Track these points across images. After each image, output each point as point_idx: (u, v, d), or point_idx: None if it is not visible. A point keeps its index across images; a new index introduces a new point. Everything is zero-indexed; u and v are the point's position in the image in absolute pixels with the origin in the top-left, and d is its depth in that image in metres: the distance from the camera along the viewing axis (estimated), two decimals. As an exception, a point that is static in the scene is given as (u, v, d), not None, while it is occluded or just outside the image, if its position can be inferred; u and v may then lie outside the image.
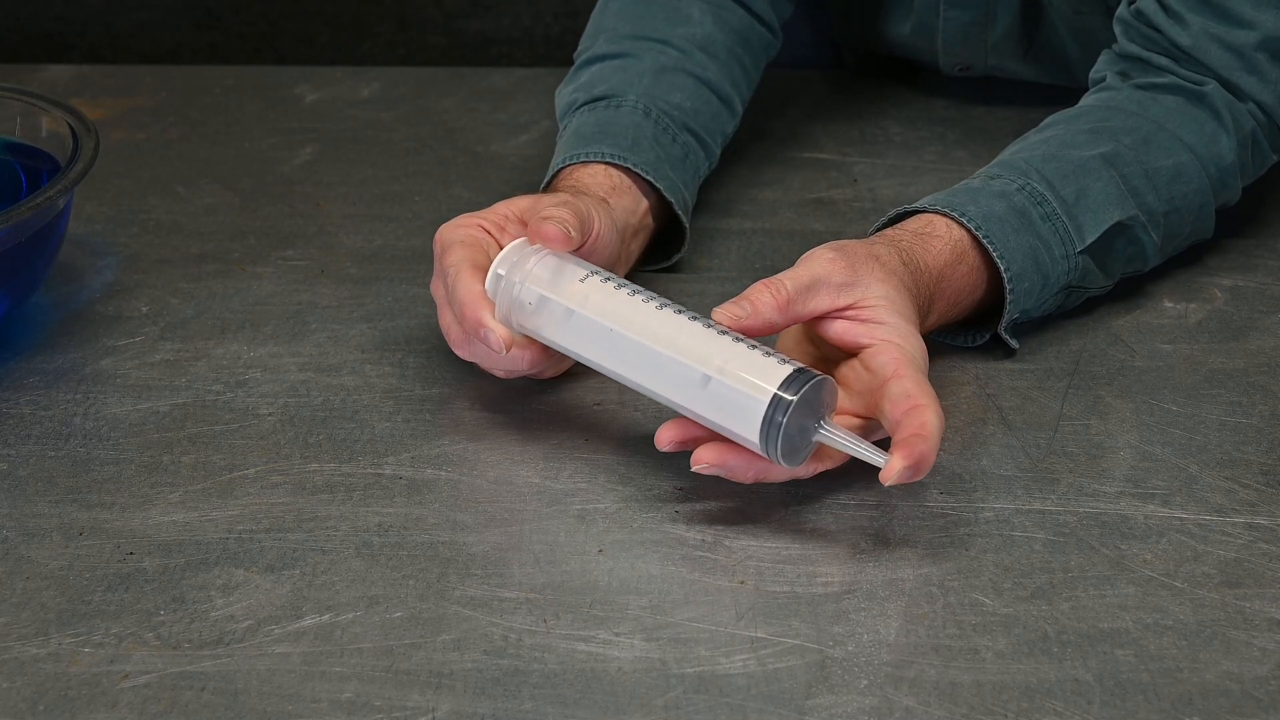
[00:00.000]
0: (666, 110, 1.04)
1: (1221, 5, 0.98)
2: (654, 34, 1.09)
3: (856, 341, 0.80)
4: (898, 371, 0.78)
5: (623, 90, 1.05)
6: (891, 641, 0.72)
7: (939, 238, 0.89)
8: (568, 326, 0.82)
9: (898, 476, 0.74)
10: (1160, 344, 0.95)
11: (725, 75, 1.10)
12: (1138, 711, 0.68)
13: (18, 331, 0.96)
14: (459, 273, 0.86)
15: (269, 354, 0.94)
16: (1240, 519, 0.80)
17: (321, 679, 0.70)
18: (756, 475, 0.79)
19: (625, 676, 0.70)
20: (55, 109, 0.98)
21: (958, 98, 1.28)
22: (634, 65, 1.07)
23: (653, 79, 1.06)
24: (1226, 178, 0.99)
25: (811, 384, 0.76)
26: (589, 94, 1.06)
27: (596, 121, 1.03)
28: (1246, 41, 0.98)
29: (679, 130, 1.04)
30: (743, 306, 0.79)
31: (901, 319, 0.81)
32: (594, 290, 0.83)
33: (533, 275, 0.84)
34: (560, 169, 0.99)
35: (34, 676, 0.70)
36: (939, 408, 0.77)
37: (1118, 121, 0.98)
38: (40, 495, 0.82)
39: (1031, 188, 0.93)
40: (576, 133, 1.02)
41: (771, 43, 1.16)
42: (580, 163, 0.99)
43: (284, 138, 1.23)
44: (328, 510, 0.81)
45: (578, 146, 1.00)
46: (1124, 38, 1.03)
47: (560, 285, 0.83)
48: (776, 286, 0.80)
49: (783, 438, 0.76)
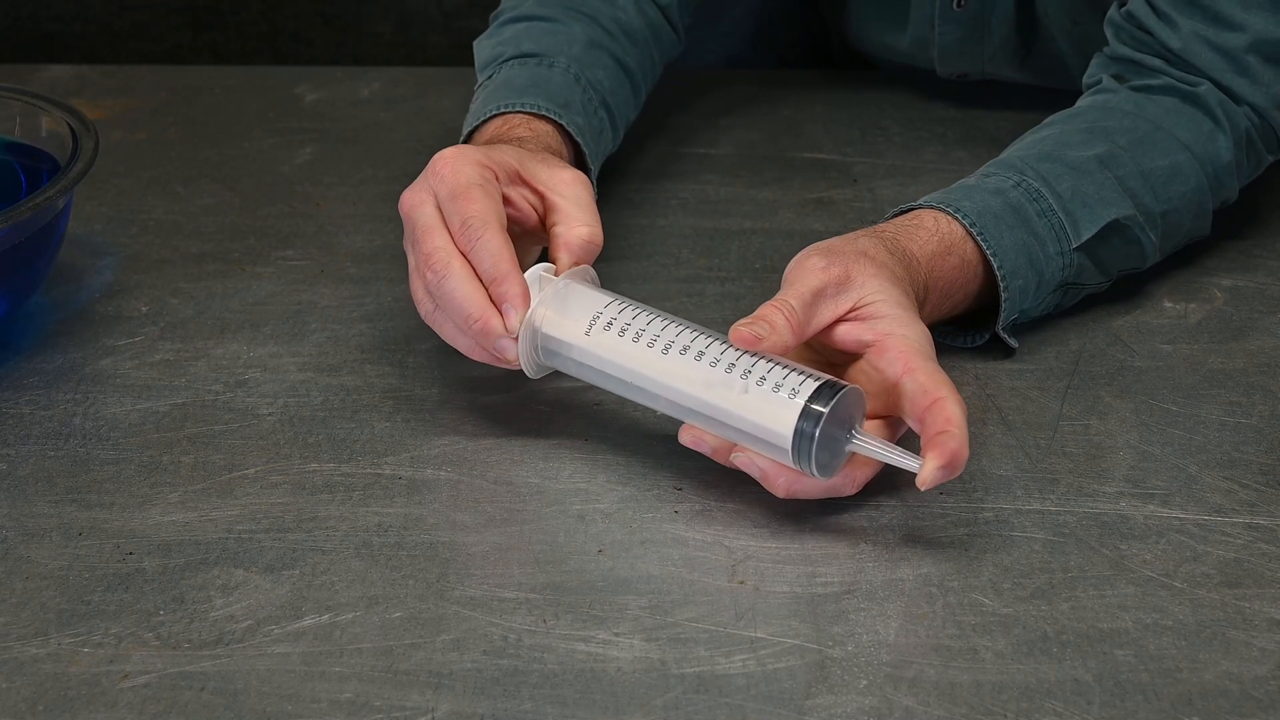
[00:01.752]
0: (591, 83, 1.05)
1: (1211, 7, 0.98)
2: (584, 8, 1.09)
3: (860, 340, 0.80)
4: (908, 365, 0.78)
5: (554, 53, 1.05)
6: (891, 641, 0.72)
7: (925, 229, 0.89)
8: (581, 370, 0.82)
9: (934, 479, 0.74)
10: (1160, 344, 0.95)
11: (639, 64, 1.11)
12: (1137, 711, 0.68)
13: (18, 331, 0.96)
14: (487, 233, 0.82)
15: (269, 354, 0.94)
16: (1240, 519, 0.80)
17: (321, 679, 0.70)
18: (789, 485, 0.78)
19: (625, 676, 0.70)
20: (55, 109, 0.98)
21: (958, 98, 1.28)
22: (564, 31, 1.07)
23: (582, 49, 1.06)
24: (1224, 176, 0.99)
25: (841, 395, 0.76)
26: (517, 49, 1.05)
27: (529, 76, 1.02)
28: (1237, 44, 0.98)
29: (599, 105, 1.05)
30: (761, 326, 0.77)
31: (900, 308, 0.80)
32: (602, 341, 0.81)
33: (538, 314, 0.82)
34: (492, 115, 0.98)
35: (34, 676, 0.70)
36: (957, 394, 0.76)
37: (1114, 121, 0.98)
38: (40, 495, 0.82)
39: (1027, 184, 0.93)
40: (507, 83, 1.02)
41: (675, 45, 1.17)
42: (516, 111, 0.98)
43: (284, 138, 1.23)
44: (327, 510, 0.81)
45: (510, 96, 0.99)
46: (1115, 40, 1.03)
47: (567, 328, 0.82)
48: (786, 309, 0.78)
49: (816, 449, 0.75)
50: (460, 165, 0.85)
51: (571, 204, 0.87)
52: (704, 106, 1.28)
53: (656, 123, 1.25)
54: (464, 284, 0.82)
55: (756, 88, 1.31)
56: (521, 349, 0.82)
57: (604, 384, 0.82)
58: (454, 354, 0.93)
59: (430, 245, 0.83)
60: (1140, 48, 1.01)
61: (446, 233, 0.84)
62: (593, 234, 0.86)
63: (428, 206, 0.85)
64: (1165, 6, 0.99)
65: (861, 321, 0.80)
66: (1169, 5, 0.99)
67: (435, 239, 0.83)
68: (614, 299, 0.82)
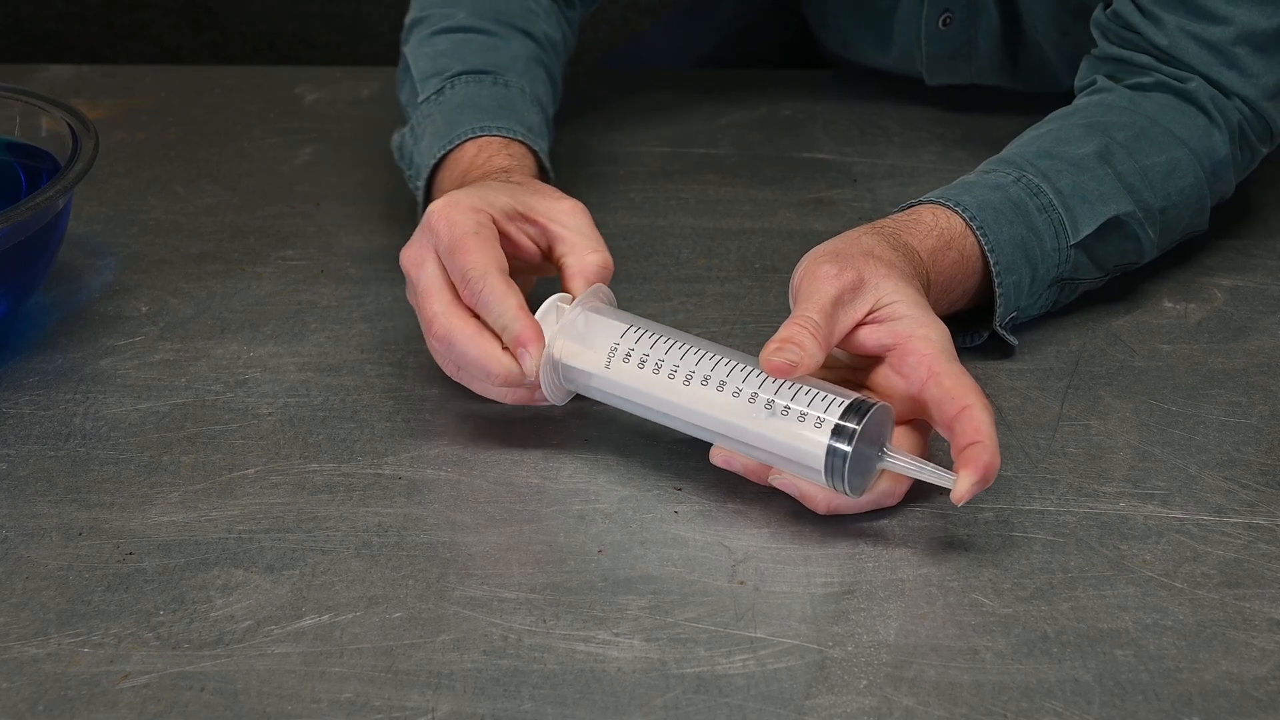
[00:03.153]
0: (539, 100, 1.05)
1: (1195, 2, 0.98)
2: (517, 22, 1.09)
3: (881, 343, 0.80)
4: (932, 370, 0.77)
5: (503, 70, 1.05)
6: (891, 642, 0.72)
7: (924, 223, 0.89)
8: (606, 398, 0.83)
9: (969, 494, 0.74)
10: (1160, 344, 0.95)
11: (560, 75, 1.12)
12: (1137, 711, 0.68)
13: (18, 331, 0.96)
14: (488, 283, 0.82)
15: (269, 354, 0.94)
16: (1240, 519, 0.80)
17: (321, 679, 0.70)
18: (829, 503, 0.78)
19: (625, 677, 0.70)
20: (55, 109, 0.98)
21: (957, 99, 1.28)
22: (506, 48, 1.07)
23: (525, 65, 1.06)
24: (1221, 171, 0.99)
25: (870, 414, 0.75)
26: (466, 64, 1.05)
27: (492, 96, 1.02)
28: (1223, 37, 0.98)
29: (546, 124, 1.05)
30: (791, 351, 0.76)
31: (918, 307, 0.80)
32: (623, 371, 0.81)
33: (556, 345, 0.82)
34: (467, 139, 0.98)
35: (34, 676, 0.70)
36: (983, 398, 0.76)
37: (1112, 117, 0.98)
38: (40, 495, 0.82)
39: (1028, 180, 0.93)
40: (472, 103, 1.01)
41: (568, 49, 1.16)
42: (490, 135, 0.98)
43: (284, 138, 1.23)
44: (327, 510, 0.81)
45: (483, 119, 0.99)
46: (1103, 41, 1.03)
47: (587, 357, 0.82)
48: (810, 325, 0.78)
49: (849, 472, 0.75)
50: (454, 215, 0.84)
51: (576, 234, 0.86)
52: (704, 106, 1.28)
53: (656, 123, 1.25)
54: (472, 344, 0.82)
55: (757, 88, 1.31)
56: (544, 381, 0.82)
57: (630, 409, 0.82)
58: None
59: (430, 311, 0.84)
60: (1128, 46, 1.01)
61: (445, 293, 0.84)
62: (603, 260, 0.86)
63: (428, 266, 0.84)
64: (1150, 4, 0.99)
65: (881, 324, 0.80)
66: (1153, 2, 0.99)
67: (433, 303, 0.83)
68: (630, 325, 0.82)
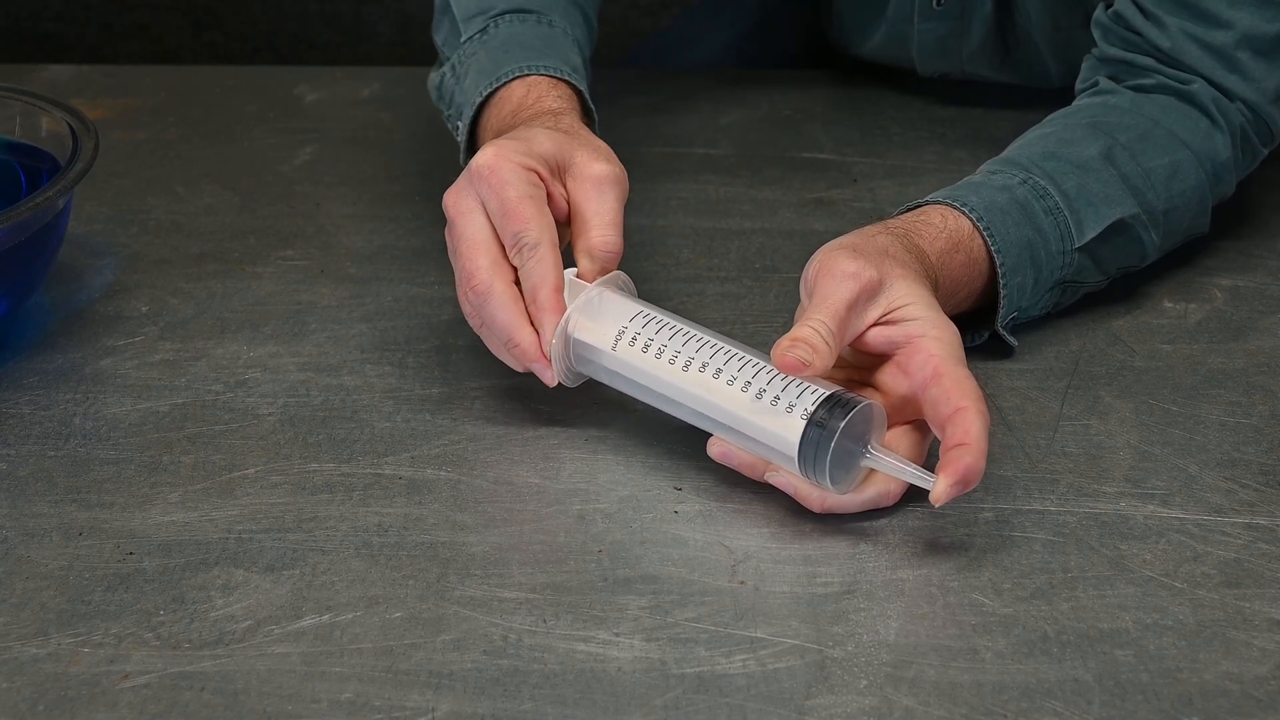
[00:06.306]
0: (579, 42, 1.04)
1: (1198, 5, 0.98)
2: None
3: (890, 341, 0.80)
4: (936, 371, 0.77)
5: (546, 10, 1.04)
6: (891, 641, 0.72)
7: (933, 225, 0.89)
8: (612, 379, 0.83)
9: (946, 496, 0.74)
10: (1160, 344, 0.95)
11: (595, 19, 1.09)
12: (1137, 711, 0.68)
13: (18, 331, 0.96)
14: (539, 253, 0.81)
15: (269, 354, 0.94)
16: (1240, 519, 0.80)
17: (321, 679, 0.70)
18: (823, 501, 0.78)
19: (625, 677, 0.70)
20: (55, 109, 0.98)
21: (957, 98, 1.28)
22: None
23: (565, 7, 1.05)
24: (1222, 173, 1.00)
25: (855, 410, 0.76)
26: (510, 3, 1.04)
27: (538, 35, 1.01)
28: (1225, 41, 0.98)
29: (585, 65, 1.03)
30: (803, 349, 0.76)
31: (931, 309, 0.80)
32: (629, 354, 0.81)
33: (571, 320, 0.82)
34: (515, 77, 0.97)
35: (34, 676, 0.70)
36: (982, 404, 0.76)
37: (1114, 119, 0.98)
38: (40, 495, 0.82)
39: (1034, 181, 0.93)
40: (518, 42, 1.00)
41: None
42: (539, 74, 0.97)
43: (284, 138, 1.23)
44: (327, 510, 0.81)
45: (530, 58, 0.98)
46: (1104, 42, 1.03)
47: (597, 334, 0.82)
48: (825, 330, 0.77)
49: (830, 463, 0.76)
50: (505, 174, 0.83)
51: (593, 211, 0.85)
52: (704, 106, 1.28)
53: (656, 123, 1.25)
54: (504, 308, 0.82)
55: (756, 88, 1.31)
56: (555, 354, 0.82)
57: (634, 393, 0.83)
58: (454, 354, 0.93)
59: (473, 264, 0.83)
60: (1130, 48, 1.01)
61: (494, 249, 0.83)
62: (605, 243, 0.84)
63: (477, 217, 0.83)
64: (1152, 6, 0.99)
65: (894, 325, 0.80)
66: (1156, 5, 0.99)
67: (479, 257, 0.83)
68: (640, 311, 0.82)
